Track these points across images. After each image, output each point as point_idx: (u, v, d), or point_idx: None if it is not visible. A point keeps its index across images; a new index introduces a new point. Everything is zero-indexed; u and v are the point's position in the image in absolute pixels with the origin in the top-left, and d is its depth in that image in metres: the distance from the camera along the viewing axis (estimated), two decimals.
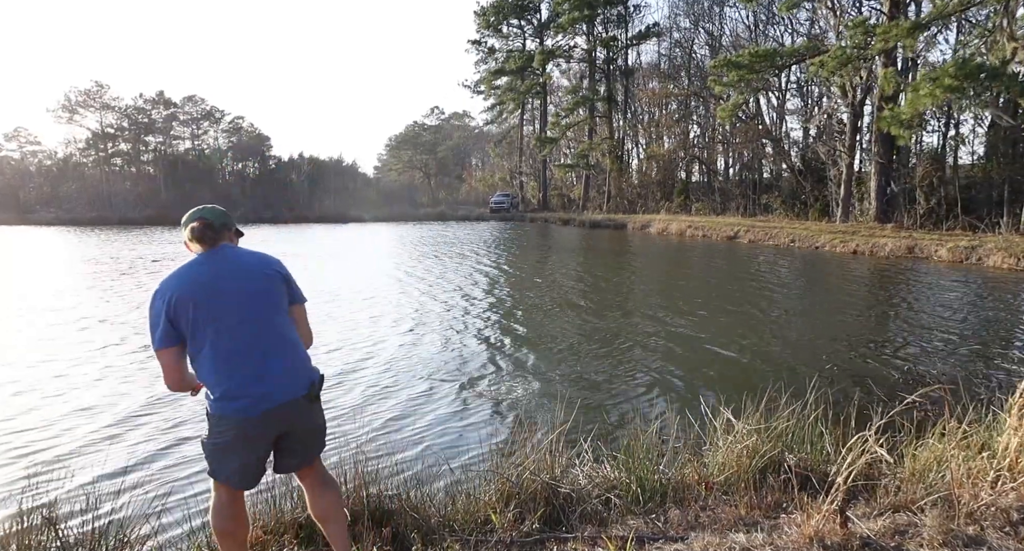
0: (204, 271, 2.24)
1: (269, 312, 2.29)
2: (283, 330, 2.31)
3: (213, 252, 2.30)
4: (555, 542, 2.64)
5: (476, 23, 48.44)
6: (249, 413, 2.18)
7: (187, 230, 2.30)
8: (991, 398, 3.60)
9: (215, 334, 2.18)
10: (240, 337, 2.21)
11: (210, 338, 2.18)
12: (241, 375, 2.19)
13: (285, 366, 2.27)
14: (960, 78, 15.59)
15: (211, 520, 2.35)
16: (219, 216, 2.37)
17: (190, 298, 2.17)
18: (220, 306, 2.19)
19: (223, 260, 2.29)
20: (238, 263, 2.31)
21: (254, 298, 2.27)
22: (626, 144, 43.13)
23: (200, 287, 2.20)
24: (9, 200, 44.92)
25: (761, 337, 8.04)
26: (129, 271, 15.41)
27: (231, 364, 2.19)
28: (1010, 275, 13.64)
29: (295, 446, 2.33)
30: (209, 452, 2.27)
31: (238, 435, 2.20)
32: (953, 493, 2.71)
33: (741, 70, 22.29)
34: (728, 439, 3.23)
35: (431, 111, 75.04)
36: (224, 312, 2.20)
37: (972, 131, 26.32)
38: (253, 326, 2.24)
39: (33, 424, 5.03)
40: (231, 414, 2.17)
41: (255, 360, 2.22)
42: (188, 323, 2.17)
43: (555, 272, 15.72)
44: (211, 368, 2.19)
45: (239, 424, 2.18)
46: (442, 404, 5.51)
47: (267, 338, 2.26)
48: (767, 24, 34.92)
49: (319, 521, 2.43)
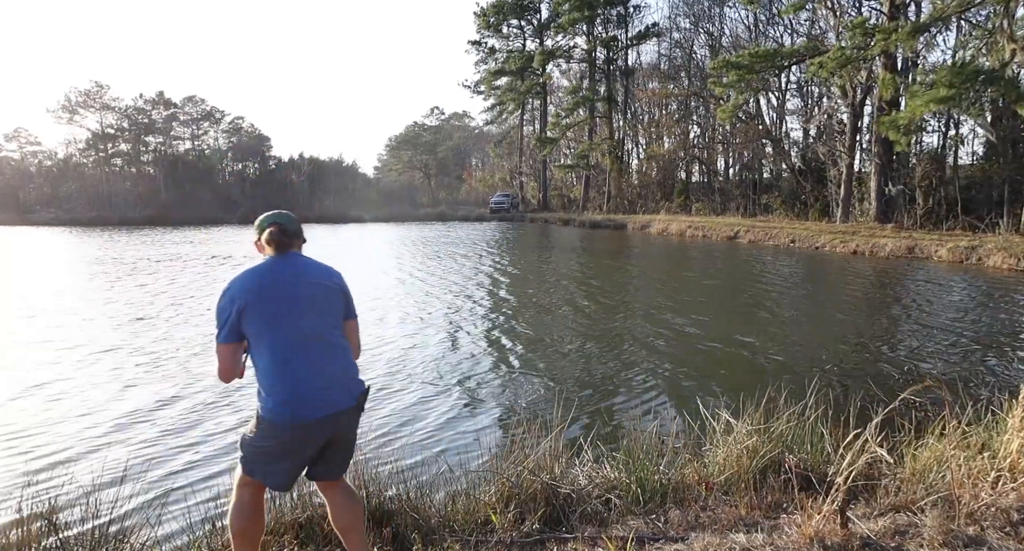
0: (273, 276, 2.28)
1: (328, 322, 2.35)
2: (339, 340, 2.38)
3: (283, 258, 2.34)
4: (555, 542, 2.64)
5: (476, 23, 48.54)
6: (305, 419, 2.21)
7: (264, 233, 2.35)
8: (991, 398, 3.61)
9: (277, 339, 2.23)
10: (300, 344, 2.25)
11: (272, 343, 2.22)
12: (299, 382, 2.23)
13: (340, 375, 2.33)
14: (955, 85, 15.57)
15: (230, 520, 2.35)
16: (292, 222, 2.43)
17: (257, 301, 2.22)
18: (285, 312, 2.24)
19: (292, 267, 2.34)
20: (305, 272, 2.36)
21: (316, 308, 2.32)
22: (626, 144, 43.13)
23: (267, 292, 2.24)
24: (9, 200, 44.93)
25: (761, 337, 8.04)
26: (133, 272, 15.41)
27: (290, 370, 2.22)
28: (1010, 275, 13.63)
29: (335, 455, 2.38)
30: (251, 453, 2.29)
31: (289, 441, 2.23)
32: (953, 493, 2.71)
33: (741, 71, 22.29)
34: (728, 439, 3.23)
35: (431, 111, 75.19)
36: (288, 318, 2.24)
37: (972, 131, 26.35)
38: (314, 334, 2.29)
39: (33, 425, 5.02)
40: (286, 420, 2.20)
41: (313, 368, 2.26)
42: (252, 325, 2.21)
43: (555, 272, 15.72)
44: (270, 371, 2.22)
45: (292, 430, 2.21)
46: (442, 404, 5.51)
47: (325, 347, 2.31)
48: (767, 24, 34.92)
49: (342, 532, 2.44)
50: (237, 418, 5.10)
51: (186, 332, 8.37)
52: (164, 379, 6.25)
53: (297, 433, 2.22)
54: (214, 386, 5.99)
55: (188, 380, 6.21)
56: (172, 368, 6.65)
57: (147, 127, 53.51)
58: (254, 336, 2.23)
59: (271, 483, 2.33)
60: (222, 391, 5.82)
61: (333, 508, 2.44)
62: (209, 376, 6.32)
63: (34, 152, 54.18)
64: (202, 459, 4.34)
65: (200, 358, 6.97)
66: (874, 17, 23.66)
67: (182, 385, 6.04)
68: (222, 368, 2.28)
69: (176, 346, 7.58)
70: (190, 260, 18.21)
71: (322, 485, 2.45)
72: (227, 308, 2.22)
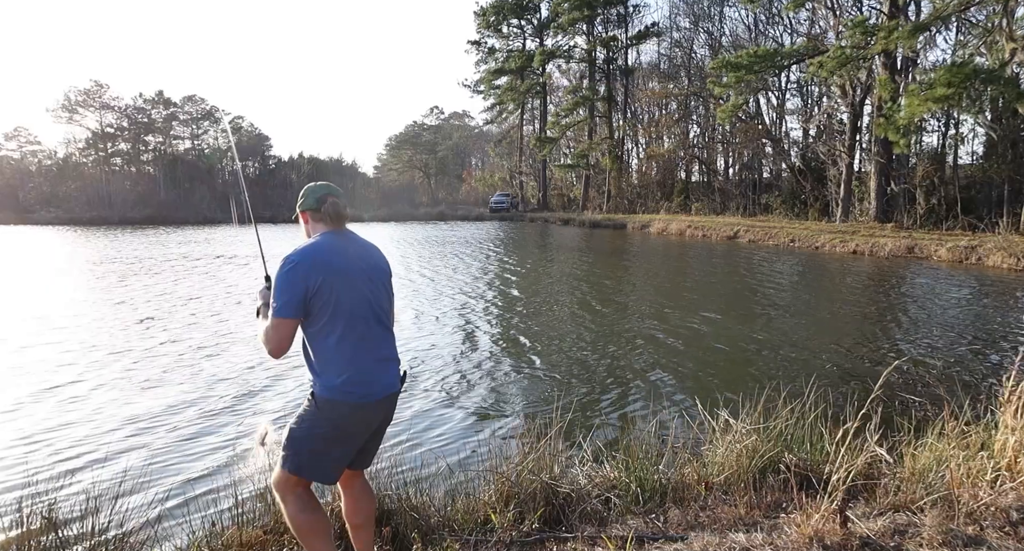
0: (345, 255, 2.22)
1: (387, 304, 2.33)
2: (390, 323, 2.36)
3: (343, 234, 2.28)
4: (555, 542, 2.64)
5: (476, 23, 48.54)
6: (369, 399, 2.18)
7: (325, 204, 2.26)
8: (990, 398, 3.61)
9: (349, 318, 2.18)
10: (369, 324, 2.22)
11: (343, 321, 2.17)
12: (366, 361, 2.20)
13: (393, 358, 2.32)
14: (954, 85, 15.58)
15: (295, 524, 2.23)
16: (343, 197, 2.35)
17: (333, 279, 2.15)
18: (357, 291, 2.20)
19: (356, 246, 2.28)
20: (368, 252, 2.31)
21: (380, 288, 2.29)
22: (626, 144, 43.12)
23: (342, 270, 2.19)
24: (9, 200, 44.92)
25: (760, 337, 8.04)
26: (140, 272, 15.40)
27: (359, 349, 2.19)
28: (1010, 275, 13.64)
29: (373, 441, 2.35)
30: (304, 443, 2.18)
31: (349, 423, 2.18)
32: (953, 493, 2.71)
33: (740, 71, 22.30)
34: (727, 439, 3.23)
35: (431, 111, 75.23)
36: (359, 298, 2.20)
37: (972, 131, 26.36)
38: (378, 315, 2.26)
39: (35, 425, 5.02)
40: (353, 400, 2.15)
41: (376, 348, 2.24)
42: (326, 303, 2.13)
43: (555, 272, 15.72)
44: (337, 350, 2.16)
45: (356, 410, 2.17)
46: (442, 404, 5.51)
47: (383, 329, 2.29)
48: (767, 24, 34.95)
49: (355, 528, 2.39)
50: (238, 418, 5.10)
51: (194, 334, 8.36)
52: (167, 380, 6.25)
53: (358, 414, 2.18)
54: (215, 387, 5.99)
55: (190, 381, 6.21)
56: (175, 369, 6.64)
57: (147, 126, 53.50)
58: (324, 314, 2.14)
59: (321, 476, 2.22)
60: (223, 392, 5.82)
61: (352, 502, 2.39)
62: (211, 377, 6.33)
63: (34, 151, 54.21)
64: (203, 459, 4.34)
65: (211, 361, 6.97)
66: (874, 16, 23.67)
67: (183, 386, 6.04)
68: (278, 342, 2.14)
69: (183, 348, 7.58)
70: (196, 260, 18.20)
71: (346, 476, 2.37)
72: (297, 284, 2.11)
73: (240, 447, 4.49)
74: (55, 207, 45.74)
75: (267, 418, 5.06)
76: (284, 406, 5.38)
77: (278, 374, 6.32)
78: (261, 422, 4.96)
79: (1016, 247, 15.08)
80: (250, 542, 2.67)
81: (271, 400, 5.58)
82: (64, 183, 49.35)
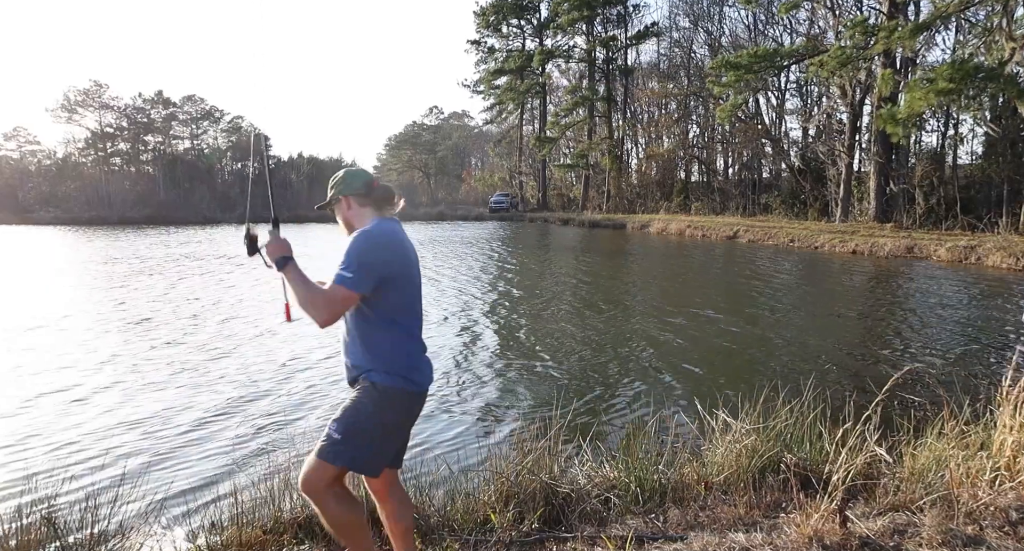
0: (405, 244, 2.20)
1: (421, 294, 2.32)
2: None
3: (393, 222, 2.23)
4: (554, 542, 2.64)
5: (476, 23, 48.54)
6: (423, 388, 2.18)
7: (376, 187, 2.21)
8: (990, 397, 3.60)
9: (411, 307, 2.17)
10: (419, 311, 2.22)
11: (409, 310, 2.16)
12: (421, 351, 2.20)
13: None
14: (955, 80, 15.60)
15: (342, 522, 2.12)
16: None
17: (404, 268, 2.14)
18: (416, 281, 2.21)
19: (404, 234, 2.25)
20: (409, 240, 2.29)
21: (419, 275, 2.27)
22: (625, 144, 43.12)
23: (411, 259, 2.20)
24: (8, 200, 44.87)
25: (760, 336, 8.04)
26: (143, 271, 15.39)
27: (416, 339, 2.19)
28: (1009, 275, 13.65)
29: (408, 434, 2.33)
30: (368, 435, 2.07)
31: (409, 411, 2.17)
32: (952, 493, 2.71)
33: (740, 71, 22.30)
34: (727, 439, 3.23)
35: (430, 111, 75.14)
36: (417, 288, 2.21)
37: (971, 131, 26.37)
38: (421, 302, 2.26)
39: (35, 425, 5.02)
40: (414, 389, 2.14)
41: (422, 339, 2.23)
42: (397, 290, 2.10)
43: (555, 272, 15.73)
44: (404, 338, 2.13)
45: (414, 398, 2.16)
46: (442, 404, 5.51)
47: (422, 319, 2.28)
48: (766, 24, 34.95)
49: (403, 533, 2.29)
50: (238, 419, 5.10)
51: (198, 334, 8.36)
52: (167, 381, 6.24)
53: (417, 402, 2.18)
54: (215, 387, 5.99)
55: (190, 382, 6.21)
56: (175, 370, 6.64)
57: (146, 126, 53.43)
58: (394, 301, 2.09)
59: (374, 468, 2.12)
60: (223, 393, 5.82)
61: (395, 504, 2.29)
62: (211, 377, 6.32)
63: (33, 151, 54.15)
64: (203, 460, 4.34)
65: (212, 362, 6.97)
66: (873, 16, 23.68)
67: (184, 387, 6.04)
68: (333, 313, 2.02)
69: (183, 349, 7.58)
70: (199, 260, 18.20)
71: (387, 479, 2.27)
72: (378, 263, 2.04)
73: (240, 448, 4.49)
74: (54, 207, 45.72)
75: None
76: (285, 407, 5.38)
77: (279, 374, 6.32)
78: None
79: (1015, 247, 15.09)
80: (250, 542, 2.67)
81: (272, 401, 5.58)
82: (63, 183, 49.32)
